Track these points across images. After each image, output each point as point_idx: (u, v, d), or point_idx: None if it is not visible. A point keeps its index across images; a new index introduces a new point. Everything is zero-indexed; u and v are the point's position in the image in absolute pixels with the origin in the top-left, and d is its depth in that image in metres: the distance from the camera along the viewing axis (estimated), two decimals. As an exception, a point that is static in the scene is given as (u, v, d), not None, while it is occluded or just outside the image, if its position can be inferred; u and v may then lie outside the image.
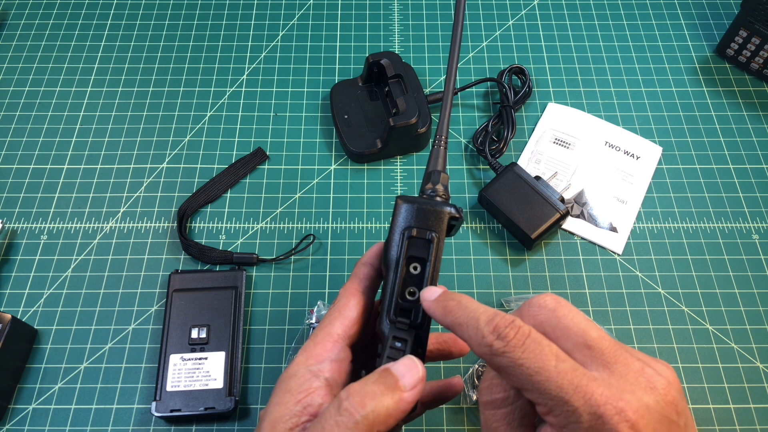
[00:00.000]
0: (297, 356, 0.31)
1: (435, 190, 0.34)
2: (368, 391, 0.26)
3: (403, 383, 0.27)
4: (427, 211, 0.32)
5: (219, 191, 0.58)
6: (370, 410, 0.26)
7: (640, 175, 0.59)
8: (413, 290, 0.31)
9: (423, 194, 0.34)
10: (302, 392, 0.28)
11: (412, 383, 0.27)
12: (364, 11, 0.70)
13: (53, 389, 0.49)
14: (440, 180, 0.35)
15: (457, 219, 0.32)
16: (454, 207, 0.32)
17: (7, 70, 0.66)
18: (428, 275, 0.31)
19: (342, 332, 0.31)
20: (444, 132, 0.36)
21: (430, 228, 0.31)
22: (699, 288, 0.53)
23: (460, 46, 0.38)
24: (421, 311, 0.30)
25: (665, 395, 0.24)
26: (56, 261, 0.54)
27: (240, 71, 0.66)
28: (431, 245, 0.31)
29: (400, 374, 0.27)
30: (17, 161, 0.60)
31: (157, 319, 0.52)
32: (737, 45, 0.64)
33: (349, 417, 0.26)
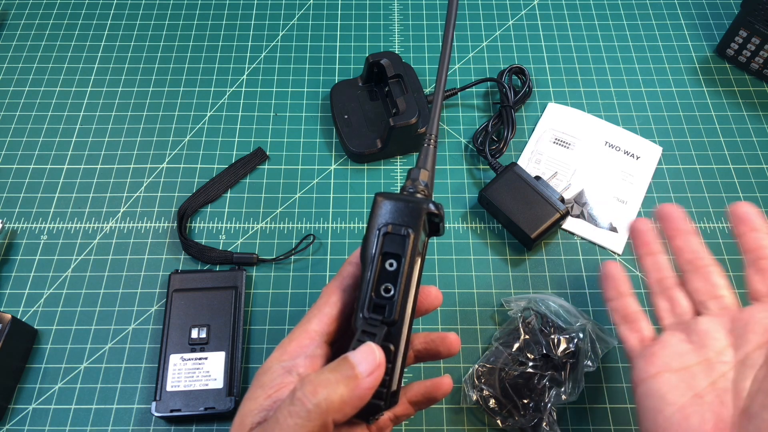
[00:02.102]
0: (273, 352, 0.31)
1: (415, 187, 0.34)
2: (322, 380, 0.26)
3: (359, 370, 0.26)
4: (403, 207, 0.31)
5: (219, 191, 0.58)
6: (322, 398, 0.25)
7: (640, 175, 0.59)
8: (389, 287, 0.31)
9: (403, 191, 0.34)
10: (273, 387, 0.29)
11: (369, 369, 0.26)
12: (364, 11, 0.70)
13: (53, 389, 0.49)
14: (420, 176, 0.34)
15: (437, 215, 0.32)
16: (433, 203, 0.32)
17: (7, 70, 0.66)
18: (403, 272, 0.30)
19: (319, 329, 0.31)
20: (434, 130, 0.36)
21: (407, 224, 0.31)
22: (699, 288, 0.53)
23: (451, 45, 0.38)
24: (395, 308, 0.30)
25: None
26: (56, 261, 0.54)
27: (240, 71, 0.66)
28: (406, 241, 0.31)
29: (357, 361, 0.27)
30: (17, 161, 0.60)
31: (157, 319, 0.52)
32: (737, 45, 0.64)
33: (301, 406, 0.25)
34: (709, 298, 0.36)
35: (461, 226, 0.57)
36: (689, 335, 0.35)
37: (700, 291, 0.37)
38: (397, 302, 0.30)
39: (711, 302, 0.36)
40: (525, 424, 0.45)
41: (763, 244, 0.36)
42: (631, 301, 0.40)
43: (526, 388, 0.46)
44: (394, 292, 0.30)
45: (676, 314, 0.37)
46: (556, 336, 0.46)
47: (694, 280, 0.38)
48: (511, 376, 0.46)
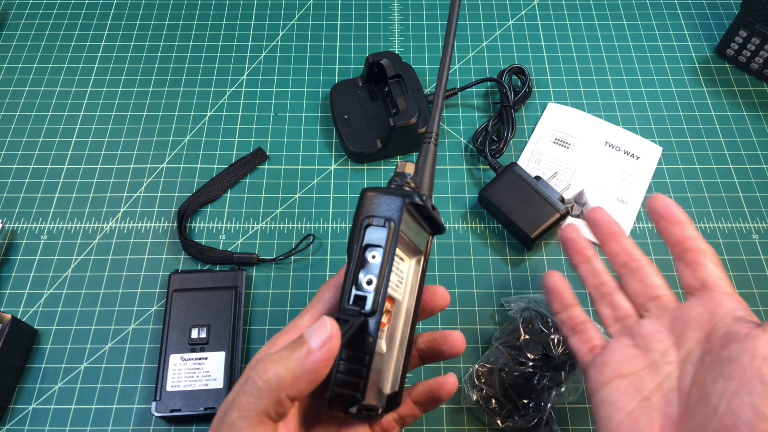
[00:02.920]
0: (264, 346, 0.31)
1: (401, 180, 0.33)
2: (274, 357, 0.26)
3: (310, 344, 0.26)
4: (386, 199, 0.31)
5: (219, 191, 0.58)
6: (272, 375, 0.26)
7: (640, 175, 0.59)
8: (371, 279, 0.30)
9: (390, 185, 0.34)
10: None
11: (320, 342, 0.26)
12: (364, 11, 0.70)
13: (53, 389, 0.49)
14: (405, 169, 0.34)
15: (422, 206, 0.32)
16: (417, 194, 0.32)
17: (7, 70, 0.66)
18: (383, 263, 0.30)
19: (309, 324, 0.31)
20: (434, 128, 0.36)
21: (387, 216, 0.31)
22: (699, 288, 0.53)
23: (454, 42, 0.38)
24: (371, 300, 0.30)
25: None
26: (56, 261, 0.54)
27: (240, 71, 0.66)
28: (387, 233, 0.30)
29: (309, 335, 0.27)
30: (17, 161, 0.60)
31: (157, 319, 0.52)
32: (737, 45, 0.64)
33: (253, 384, 0.26)
34: (648, 300, 0.36)
35: (461, 226, 0.57)
36: (635, 339, 0.35)
37: (639, 293, 0.37)
38: (375, 293, 0.30)
39: (650, 304, 0.36)
40: (525, 424, 0.45)
41: (687, 236, 0.36)
42: (578, 312, 0.39)
43: (526, 388, 0.46)
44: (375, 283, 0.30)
45: (619, 319, 0.37)
46: (556, 336, 0.46)
47: (631, 283, 0.37)
48: (511, 376, 0.46)
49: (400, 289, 0.34)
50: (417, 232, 0.34)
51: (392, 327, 0.33)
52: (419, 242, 0.35)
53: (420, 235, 0.35)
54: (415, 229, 0.34)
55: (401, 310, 0.34)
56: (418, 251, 0.35)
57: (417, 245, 0.35)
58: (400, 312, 0.34)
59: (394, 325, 0.33)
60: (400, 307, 0.34)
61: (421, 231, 0.35)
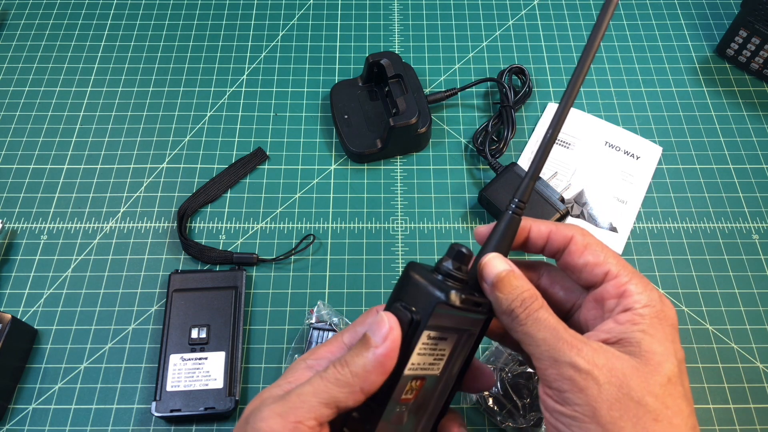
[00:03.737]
0: (305, 353, 0.33)
1: (451, 267, 0.30)
2: (348, 355, 0.29)
3: (373, 340, 0.28)
4: (417, 291, 0.29)
5: (219, 191, 0.58)
6: (348, 373, 0.28)
7: (640, 175, 0.59)
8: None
9: (436, 270, 0.30)
10: (294, 377, 0.31)
11: (382, 336, 0.28)
12: (364, 11, 0.70)
13: (53, 389, 0.49)
14: (464, 260, 0.30)
15: (455, 307, 0.29)
16: (456, 291, 0.29)
17: (7, 70, 0.66)
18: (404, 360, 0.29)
19: (349, 342, 0.32)
20: (525, 196, 0.32)
21: (416, 311, 0.29)
22: (699, 288, 0.53)
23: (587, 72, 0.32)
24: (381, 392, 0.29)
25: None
26: (56, 261, 0.54)
27: (240, 71, 0.66)
28: (410, 327, 0.29)
29: (371, 333, 0.29)
30: (17, 161, 0.60)
31: (157, 319, 0.52)
32: (737, 45, 0.64)
33: (333, 376, 0.28)
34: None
35: (461, 226, 0.57)
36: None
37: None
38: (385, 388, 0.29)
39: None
40: (525, 423, 0.45)
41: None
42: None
43: (526, 388, 0.46)
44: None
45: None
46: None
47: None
48: (511, 376, 0.46)
49: (437, 366, 0.32)
50: (461, 319, 0.31)
51: (422, 399, 0.32)
52: (466, 324, 0.32)
53: (467, 320, 0.32)
54: (458, 317, 0.31)
55: (438, 384, 0.32)
56: (465, 330, 0.32)
57: (462, 327, 0.32)
58: (435, 385, 0.32)
59: (425, 397, 0.32)
60: (437, 381, 0.32)
61: (470, 315, 0.31)
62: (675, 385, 0.27)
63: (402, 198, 0.58)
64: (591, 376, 0.26)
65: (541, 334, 0.28)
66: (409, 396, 0.31)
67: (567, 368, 0.27)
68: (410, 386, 0.31)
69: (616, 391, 0.26)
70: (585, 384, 0.26)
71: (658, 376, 0.27)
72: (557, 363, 0.27)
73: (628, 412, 0.26)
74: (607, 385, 0.26)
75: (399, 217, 0.57)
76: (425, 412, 0.33)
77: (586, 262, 0.31)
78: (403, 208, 0.57)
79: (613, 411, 0.26)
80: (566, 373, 0.27)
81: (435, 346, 0.31)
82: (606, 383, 0.26)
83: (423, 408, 0.32)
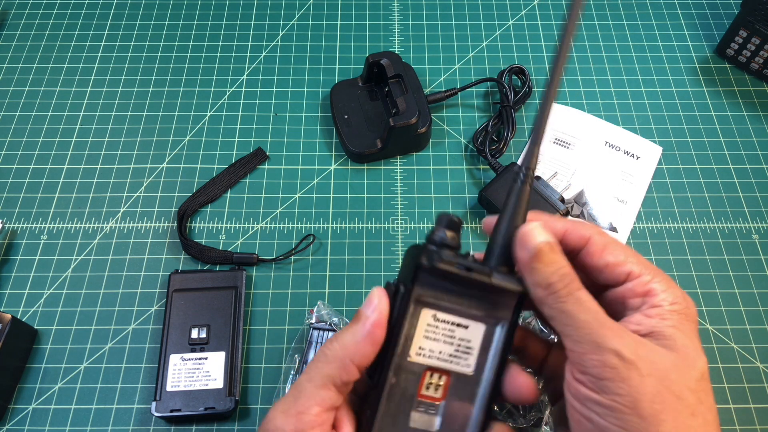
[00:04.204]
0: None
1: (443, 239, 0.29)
2: (338, 333, 0.29)
3: (364, 312, 0.29)
4: (406, 263, 0.29)
5: (219, 191, 0.58)
6: (336, 345, 0.28)
7: (640, 175, 0.59)
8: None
9: (428, 242, 0.29)
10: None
11: (371, 308, 0.28)
12: (364, 11, 0.70)
13: (53, 389, 0.49)
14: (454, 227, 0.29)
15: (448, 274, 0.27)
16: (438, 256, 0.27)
17: (7, 70, 0.66)
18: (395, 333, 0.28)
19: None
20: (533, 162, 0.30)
21: (404, 281, 0.28)
22: (699, 288, 0.53)
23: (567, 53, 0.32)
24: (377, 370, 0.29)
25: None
26: (56, 261, 0.54)
27: (240, 71, 0.66)
28: (396, 298, 0.28)
29: (362, 308, 0.29)
30: (17, 161, 0.60)
31: (157, 319, 0.52)
32: (737, 45, 0.64)
33: (321, 353, 0.29)
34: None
35: (461, 226, 0.56)
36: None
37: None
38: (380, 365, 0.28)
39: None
40: (525, 423, 0.45)
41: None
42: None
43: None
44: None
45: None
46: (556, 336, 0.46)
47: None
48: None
49: (464, 362, 0.29)
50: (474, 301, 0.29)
51: (456, 404, 0.29)
52: (484, 308, 0.29)
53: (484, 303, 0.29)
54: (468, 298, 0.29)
55: (474, 386, 0.30)
56: (493, 315, 0.29)
57: (481, 312, 0.29)
58: (471, 388, 0.29)
59: (459, 401, 0.29)
60: (472, 383, 0.29)
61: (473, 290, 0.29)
62: (707, 381, 0.28)
63: (402, 198, 0.58)
64: (634, 366, 0.26)
65: (583, 316, 0.27)
66: (433, 394, 0.29)
67: (611, 356, 0.26)
68: (431, 381, 0.29)
69: (657, 384, 0.26)
70: (628, 374, 0.25)
71: (694, 371, 0.27)
72: (600, 349, 0.26)
73: (669, 405, 0.26)
74: (648, 378, 0.26)
75: (399, 217, 0.57)
76: (462, 420, 0.30)
77: (606, 263, 0.30)
78: (403, 208, 0.57)
79: (655, 404, 0.25)
80: (610, 361, 0.26)
81: (451, 333, 0.29)
82: (648, 375, 0.26)
83: (459, 415, 0.30)
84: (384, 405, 0.28)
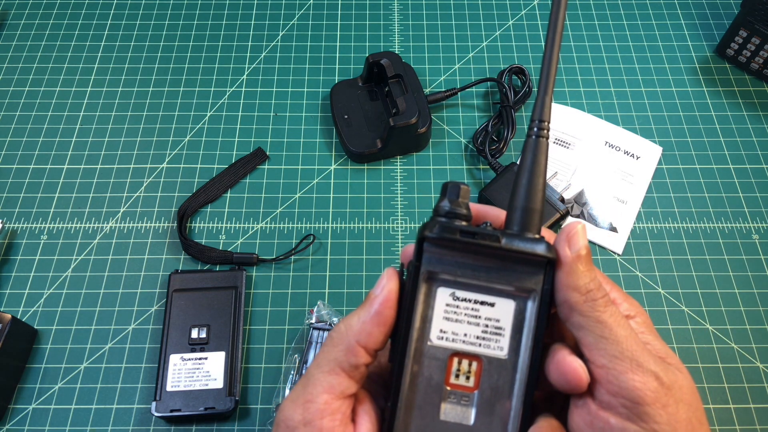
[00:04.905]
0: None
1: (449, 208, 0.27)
2: (347, 316, 0.28)
3: (372, 292, 0.27)
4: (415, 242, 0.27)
5: (219, 191, 0.58)
6: (343, 325, 0.27)
7: (640, 175, 0.59)
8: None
9: (435, 214, 0.27)
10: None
11: (380, 287, 0.27)
12: (364, 11, 0.70)
13: (53, 389, 0.49)
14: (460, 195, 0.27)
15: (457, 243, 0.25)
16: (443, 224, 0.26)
17: (7, 70, 0.66)
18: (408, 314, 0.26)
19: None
20: (546, 114, 0.27)
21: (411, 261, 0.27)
22: (699, 288, 0.53)
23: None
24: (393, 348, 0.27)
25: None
26: (56, 261, 0.54)
27: (240, 71, 0.66)
28: (405, 274, 0.27)
29: (373, 289, 0.28)
30: (17, 161, 0.60)
31: (157, 319, 0.52)
32: (737, 45, 0.64)
33: (328, 337, 0.28)
34: None
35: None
36: None
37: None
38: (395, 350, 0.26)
39: None
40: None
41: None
42: None
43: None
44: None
45: None
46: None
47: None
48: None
49: (496, 345, 0.26)
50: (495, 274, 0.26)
51: (492, 393, 0.26)
52: (511, 281, 0.26)
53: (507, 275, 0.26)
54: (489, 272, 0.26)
55: (512, 372, 0.26)
56: (522, 289, 0.26)
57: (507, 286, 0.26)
58: (509, 375, 0.26)
59: (496, 390, 0.26)
60: (509, 368, 0.26)
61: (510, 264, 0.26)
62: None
63: (402, 198, 0.58)
64: (671, 392, 0.24)
65: (622, 331, 0.24)
66: (464, 383, 0.26)
67: (652, 378, 0.24)
68: (460, 368, 0.26)
69: (688, 411, 0.24)
70: (667, 400, 0.24)
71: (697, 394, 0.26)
72: (641, 369, 0.24)
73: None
74: (682, 404, 0.24)
75: (399, 217, 0.57)
76: (502, 412, 0.26)
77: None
78: (403, 208, 0.57)
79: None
80: (651, 384, 0.23)
81: (475, 313, 0.26)
82: (681, 402, 0.24)
83: (497, 406, 0.26)
84: (407, 395, 0.26)
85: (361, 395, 0.28)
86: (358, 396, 0.28)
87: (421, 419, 0.26)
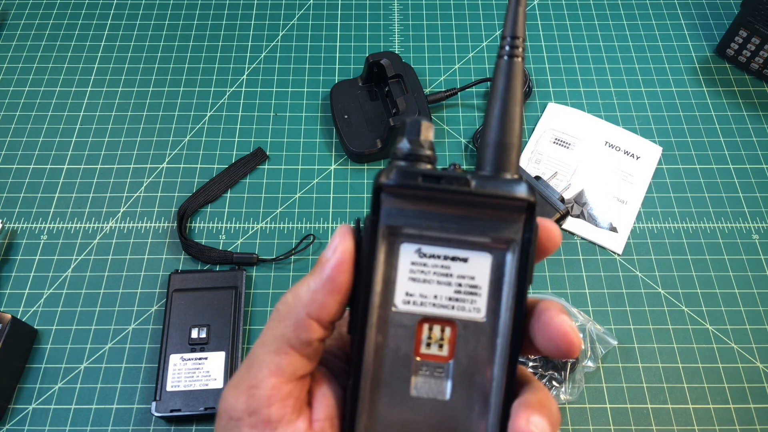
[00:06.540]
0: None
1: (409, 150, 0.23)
2: (295, 284, 0.24)
3: (323, 255, 0.23)
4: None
5: (219, 191, 0.58)
6: (289, 297, 0.23)
7: (640, 175, 0.59)
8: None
9: (393, 158, 0.23)
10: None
11: (332, 249, 0.23)
12: (364, 11, 0.70)
13: (53, 389, 0.49)
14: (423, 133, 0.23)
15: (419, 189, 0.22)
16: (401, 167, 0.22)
17: (7, 70, 0.66)
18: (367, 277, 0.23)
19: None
20: (519, 30, 0.23)
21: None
22: (699, 288, 0.53)
23: None
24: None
25: None
26: (56, 261, 0.54)
27: (240, 71, 0.66)
28: (360, 231, 0.23)
29: (324, 251, 0.24)
30: (17, 161, 0.60)
31: (157, 319, 0.52)
32: (737, 45, 0.64)
33: (275, 311, 0.23)
34: None
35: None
36: None
37: None
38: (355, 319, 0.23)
39: None
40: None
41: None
42: None
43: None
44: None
45: None
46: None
47: None
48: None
49: (472, 306, 0.23)
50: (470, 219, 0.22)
51: (469, 362, 0.23)
52: (485, 232, 0.22)
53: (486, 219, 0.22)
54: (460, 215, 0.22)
55: (491, 337, 0.23)
56: (499, 240, 0.22)
57: (480, 238, 0.22)
58: (484, 337, 0.23)
59: (474, 359, 0.23)
60: (487, 333, 0.23)
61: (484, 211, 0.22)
62: None
63: (402, 198, 0.58)
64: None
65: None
66: (437, 352, 0.23)
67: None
68: (431, 336, 0.23)
69: None
70: None
71: None
72: None
73: None
74: None
75: (399, 217, 0.57)
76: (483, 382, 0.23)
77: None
78: (403, 208, 0.57)
79: None
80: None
81: (446, 271, 0.23)
82: None
83: (477, 377, 0.23)
84: (371, 370, 0.22)
85: (318, 374, 0.24)
86: (314, 375, 0.24)
87: (389, 397, 0.22)
